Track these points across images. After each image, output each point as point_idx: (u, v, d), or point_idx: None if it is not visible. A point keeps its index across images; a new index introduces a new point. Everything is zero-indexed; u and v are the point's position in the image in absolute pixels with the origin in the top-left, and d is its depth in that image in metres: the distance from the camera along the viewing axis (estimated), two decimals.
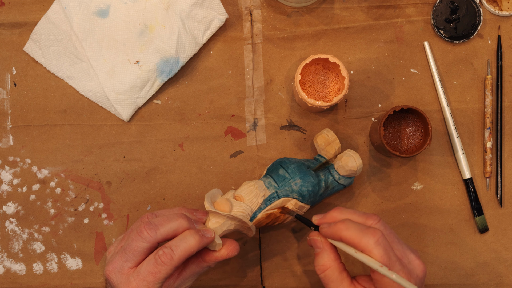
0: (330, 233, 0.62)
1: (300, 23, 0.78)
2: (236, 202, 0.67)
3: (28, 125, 0.78)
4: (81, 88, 0.77)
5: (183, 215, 0.64)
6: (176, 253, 0.61)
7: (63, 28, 0.77)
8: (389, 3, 0.78)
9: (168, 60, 0.75)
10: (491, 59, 0.78)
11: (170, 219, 0.63)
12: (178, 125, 0.78)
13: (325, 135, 0.72)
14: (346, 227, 0.60)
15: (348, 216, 0.64)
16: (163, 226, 0.62)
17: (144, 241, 0.62)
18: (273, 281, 0.77)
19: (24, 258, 0.77)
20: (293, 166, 0.70)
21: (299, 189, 0.69)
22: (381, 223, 0.62)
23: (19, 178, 0.77)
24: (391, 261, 0.59)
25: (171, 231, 0.63)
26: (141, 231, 0.62)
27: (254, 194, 0.68)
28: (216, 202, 0.67)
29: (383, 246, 0.59)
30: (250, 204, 0.68)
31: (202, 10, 0.76)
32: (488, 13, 0.78)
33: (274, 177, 0.70)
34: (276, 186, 0.69)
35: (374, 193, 0.77)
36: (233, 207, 0.67)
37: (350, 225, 0.61)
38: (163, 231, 0.62)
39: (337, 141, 0.72)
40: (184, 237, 0.62)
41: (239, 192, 0.69)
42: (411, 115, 0.75)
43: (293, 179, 0.69)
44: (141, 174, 0.77)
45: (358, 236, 0.59)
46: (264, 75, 0.78)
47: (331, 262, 0.63)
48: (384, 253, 0.58)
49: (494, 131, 0.77)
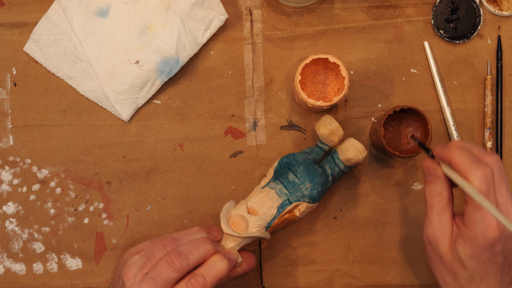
0: (442, 154, 0.62)
1: (300, 23, 0.78)
2: (251, 217, 0.69)
3: (28, 125, 0.78)
4: (81, 88, 0.77)
5: (208, 239, 0.66)
6: (208, 280, 0.63)
7: (63, 28, 0.77)
8: (389, 3, 0.78)
9: (168, 60, 0.75)
10: (491, 59, 0.78)
11: (197, 246, 0.64)
12: (178, 125, 0.78)
13: (328, 124, 0.71)
14: (460, 153, 0.60)
15: (468, 147, 0.63)
16: (192, 254, 0.64)
17: (176, 272, 0.62)
18: (273, 281, 0.77)
19: (24, 258, 0.77)
20: (301, 169, 0.71)
21: (309, 193, 0.71)
22: (497, 164, 0.61)
23: (19, 178, 0.77)
24: (489, 199, 0.58)
25: (200, 258, 0.64)
26: (172, 261, 0.62)
27: (268, 206, 0.70)
28: (231, 221, 0.69)
29: (487, 182, 0.58)
30: (264, 216, 0.70)
31: (202, 10, 0.76)
32: (488, 13, 0.78)
33: (284, 183, 0.71)
34: (287, 193, 0.71)
35: (374, 193, 0.77)
36: (249, 223, 0.68)
37: (465, 153, 0.60)
38: (194, 259, 0.63)
39: (340, 129, 0.71)
40: (214, 264, 0.64)
41: (252, 204, 0.70)
42: (411, 115, 0.75)
43: (303, 184, 0.71)
44: (141, 174, 0.77)
45: (468, 165, 0.59)
46: (264, 75, 0.78)
47: (443, 190, 0.63)
48: (486, 189, 0.58)
49: (494, 131, 0.77)
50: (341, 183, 0.77)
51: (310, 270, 0.77)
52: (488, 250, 0.59)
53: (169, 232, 0.77)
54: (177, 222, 0.77)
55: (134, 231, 0.77)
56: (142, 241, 0.77)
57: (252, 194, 0.72)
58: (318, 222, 0.77)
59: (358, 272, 0.77)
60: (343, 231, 0.77)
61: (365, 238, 0.77)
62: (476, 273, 0.61)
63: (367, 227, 0.77)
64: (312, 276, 0.77)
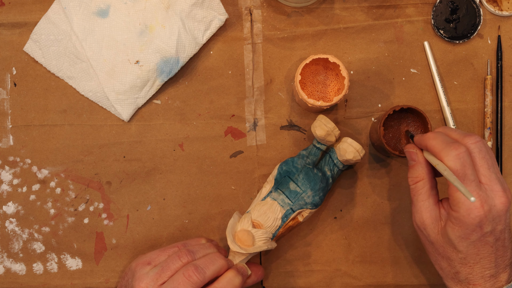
0: (419, 141, 0.64)
1: (300, 23, 0.78)
2: (257, 231, 0.70)
3: (28, 125, 0.78)
4: (81, 88, 0.77)
5: (221, 255, 0.68)
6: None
7: (63, 28, 0.77)
8: (389, 3, 0.78)
9: (168, 60, 0.75)
10: (491, 59, 0.78)
11: (213, 261, 0.66)
12: (178, 125, 0.78)
13: (324, 125, 0.71)
14: (434, 137, 0.62)
15: (446, 131, 0.64)
16: (209, 269, 0.65)
17: (193, 286, 0.64)
18: (273, 281, 0.77)
19: (24, 258, 0.77)
20: (302, 177, 0.72)
21: (312, 200, 0.71)
22: (478, 144, 0.61)
23: (19, 178, 0.77)
24: (466, 177, 0.59)
25: (215, 273, 0.66)
26: (190, 275, 0.64)
27: (272, 219, 0.71)
28: (237, 237, 0.70)
29: (462, 161, 0.59)
30: (270, 229, 0.71)
31: (202, 10, 0.76)
32: (488, 13, 0.78)
33: (286, 193, 0.72)
34: (290, 203, 0.72)
35: (374, 193, 0.77)
36: (255, 238, 0.70)
37: (439, 136, 0.61)
38: (209, 274, 0.65)
39: (336, 129, 0.72)
40: (230, 279, 0.66)
41: (256, 217, 0.71)
42: (411, 115, 0.75)
43: (305, 192, 0.71)
44: (141, 174, 0.77)
45: (441, 147, 0.60)
46: (264, 75, 0.78)
47: (424, 175, 0.64)
48: (461, 168, 0.59)
49: (494, 131, 0.77)
50: (341, 183, 0.77)
51: (310, 270, 0.77)
52: (477, 230, 0.60)
53: (169, 232, 0.77)
54: (177, 222, 0.77)
55: (134, 231, 0.77)
56: (142, 241, 0.77)
57: (256, 206, 0.72)
58: (318, 222, 0.77)
59: (358, 272, 0.77)
60: (343, 231, 0.77)
61: (365, 238, 0.77)
62: (468, 255, 0.61)
63: (367, 227, 0.77)
64: (312, 276, 0.77)
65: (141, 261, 0.68)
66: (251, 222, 0.71)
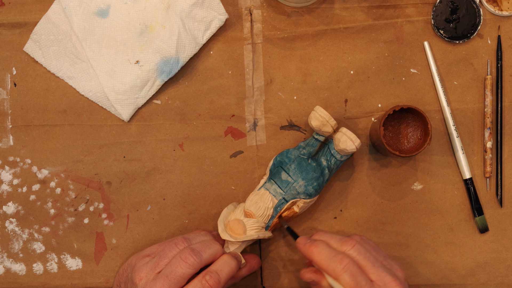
0: (304, 252, 0.66)
1: (300, 23, 0.78)
2: (248, 220, 0.70)
3: (28, 125, 0.78)
4: (81, 88, 0.77)
5: (216, 241, 0.69)
6: (222, 277, 0.65)
7: (63, 28, 0.77)
8: (389, 3, 0.78)
9: (168, 60, 0.76)
10: (491, 59, 0.78)
11: (209, 245, 0.67)
12: (178, 125, 0.78)
13: (319, 116, 0.72)
14: (318, 251, 0.64)
15: (326, 239, 0.66)
16: (205, 252, 0.66)
17: (190, 268, 0.64)
18: (273, 281, 0.77)
19: (24, 258, 0.77)
20: (293, 167, 0.71)
21: (304, 190, 0.71)
22: (355, 248, 0.64)
23: (19, 178, 0.77)
24: (359, 285, 0.61)
25: (211, 257, 0.66)
26: (186, 257, 0.64)
27: (263, 208, 0.71)
28: (228, 226, 0.70)
29: (350, 272, 0.62)
30: (261, 218, 0.71)
31: (202, 10, 0.76)
32: (488, 13, 0.78)
33: (278, 183, 0.72)
34: (282, 192, 0.71)
35: (374, 193, 0.77)
36: (246, 227, 0.70)
37: (322, 249, 0.64)
38: (206, 257, 0.66)
39: (332, 119, 0.72)
40: (226, 262, 0.66)
41: (248, 207, 0.71)
42: (411, 115, 0.75)
43: (296, 181, 0.71)
44: (141, 174, 0.77)
45: (327, 262, 0.63)
46: (264, 75, 0.78)
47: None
48: (351, 279, 0.61)
49: (494, 131, 0.77)
50: (341, 183, 0.77)
51: None
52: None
53: (169, 232, 0.77)
54: (177, 222, 0.77)
55: (134, 231, 0.77)
56: (142, 241, 0.77)
57: (249, 196, 0.72)
58: (318, 222, 0.77)
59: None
60: (343, 231, 0.77)
61: None
62: None
63: (367, 227, 0.77)
64: None
65: (140, 255, 0.69)
66: (243, 212, 0.71)
